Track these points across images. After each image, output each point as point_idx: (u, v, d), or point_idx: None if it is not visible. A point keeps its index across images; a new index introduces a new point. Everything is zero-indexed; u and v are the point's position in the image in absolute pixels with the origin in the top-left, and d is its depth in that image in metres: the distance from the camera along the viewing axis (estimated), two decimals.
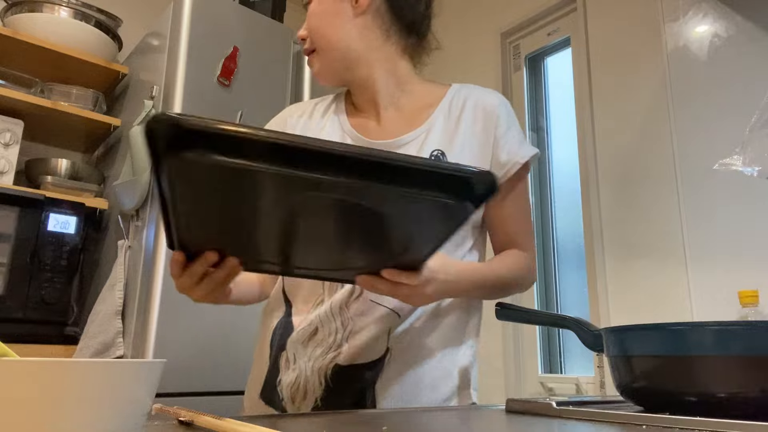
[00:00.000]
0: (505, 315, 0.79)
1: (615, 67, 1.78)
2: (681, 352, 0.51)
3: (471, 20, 2.32)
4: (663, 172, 1.61)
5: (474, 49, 2.27)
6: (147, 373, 0.35)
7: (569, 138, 2.00)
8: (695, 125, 1.56)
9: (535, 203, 2.03)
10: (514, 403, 0.63)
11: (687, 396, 0.51)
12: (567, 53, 2.05)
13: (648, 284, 1.59)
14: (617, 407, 0.59)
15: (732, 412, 0.47)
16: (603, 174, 1.76)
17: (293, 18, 2.99)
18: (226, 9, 1.76)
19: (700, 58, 1.58)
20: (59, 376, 0.31)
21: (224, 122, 0.42)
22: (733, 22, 1.53)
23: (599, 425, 0.50)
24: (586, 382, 1.72)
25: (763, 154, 0.85)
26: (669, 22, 1.67)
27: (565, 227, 1.96)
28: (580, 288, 1.88)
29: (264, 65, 1.83)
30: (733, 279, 1.42)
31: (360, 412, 0.64)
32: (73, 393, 0.31)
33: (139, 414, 0.35)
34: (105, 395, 0.32)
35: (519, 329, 1.96)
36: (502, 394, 1.93)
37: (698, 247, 1.50)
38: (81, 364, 0.31)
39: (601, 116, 1.80)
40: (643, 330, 0.55)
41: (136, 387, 0.34)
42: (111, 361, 0.33)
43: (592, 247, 1.74)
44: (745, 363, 0.48)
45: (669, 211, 1.58)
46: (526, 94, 2.13)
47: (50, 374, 0.30)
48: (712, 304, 1.45)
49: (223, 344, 1.57)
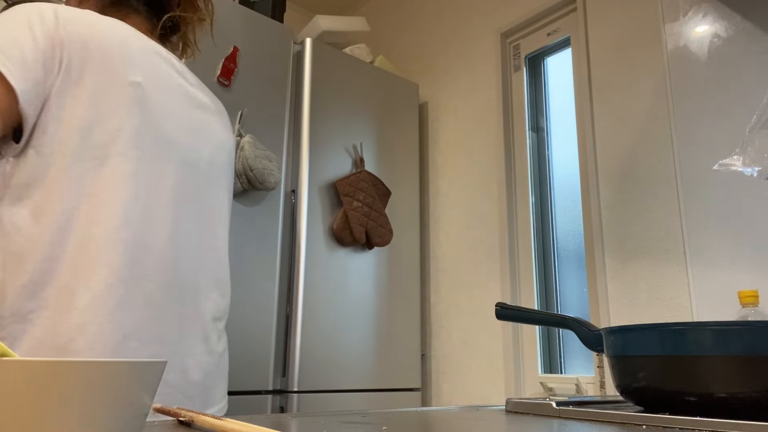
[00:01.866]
0: (505, 315, 0.79)
1: (615, 68, 1.79)
2: (681, 352, 0.51)
3: (471, 20, 2.32)
4: (663, 172, 1.61)
5: (474, 49, 2.27)
6: (147, 373, 0.35)
7: (569, 138, 2.00)
8: (695, 125, 1.56)
9: (535, 203, 2.04)
10: (514, 403, 0.64)
11: (687, 396, 0.51)
12: (567, 53, 2.05)
13: (648, 284, 1.59)
14: (617, 407, 0.59)
15: (732, 412, 0.47)
16: (603, 174, 1.76)
17: (293, 18, 2.99)
18: (226, 9, 1.76)
19: (700, 58, 1.58)
20: (59, 376, 0.31)
21: None
22: (733, 22, 1.53)
23: (599, 425, 0.50)
24: (586, 382, 1.72)
25: (763, 155, 0.85)
26: (669, 22, 1.67)
27: (565, 227, 1.96)
28: (580, 288, 1.88)
29: (264, 65, 1.83)
30: (733, 279, 1.42)
31: (360, 413, 0.64)
32: (73, 393, 0.31)
33: (139, 414, 0.35)
34: (105, 395, 0.32)
35: (519, 329, 1.96)
36: (502, 394, 1.93)
37: (698, 247, 1.50)
38: (81, 364, 0.31)
39: (601, 116, 1.80)
40: (643, 330, 0.55)
41: (136, 387, 0.34)
42: (111, 361, 0.33)
43: (592, 247, 1.74)
44: (745, 363, 0.48)
45: (669, 211, 1.58)
46: (526, 94, 2.13)
47: (50, 374, 0.30)
48: (712, 304, 1.45)
49: None
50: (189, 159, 0.85)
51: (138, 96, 0.79)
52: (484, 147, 2.15)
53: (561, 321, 0.75)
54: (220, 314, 0.89)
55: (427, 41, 2.52)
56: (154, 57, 0.85)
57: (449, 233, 2.22)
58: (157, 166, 0.80)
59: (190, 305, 0.82)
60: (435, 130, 2.38)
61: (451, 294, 2.16)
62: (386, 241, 2.00)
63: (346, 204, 1.90)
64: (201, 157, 0.88)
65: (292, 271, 1.79)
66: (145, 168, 0.79)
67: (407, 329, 2.05)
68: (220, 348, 0.88)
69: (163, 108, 0.82)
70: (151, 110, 0.80)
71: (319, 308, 1.79)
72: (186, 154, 0.85)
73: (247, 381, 1.60)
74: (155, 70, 0.84)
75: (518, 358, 1.92)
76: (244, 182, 1.65)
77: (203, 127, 0.90)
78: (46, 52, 0.73)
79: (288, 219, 1.81)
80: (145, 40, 0.85)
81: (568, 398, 0.65)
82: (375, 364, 1.91)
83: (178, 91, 0.87)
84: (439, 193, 2.29)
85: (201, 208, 0.87)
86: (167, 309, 0.78)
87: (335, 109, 1.99)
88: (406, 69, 2.59)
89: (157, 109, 0.81)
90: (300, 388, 1.70)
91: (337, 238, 1.88)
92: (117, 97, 0.77)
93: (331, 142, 1.95)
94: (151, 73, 0.82)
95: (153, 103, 0.81)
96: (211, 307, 0.86)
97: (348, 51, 2.23)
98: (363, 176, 1.98)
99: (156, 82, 0.83)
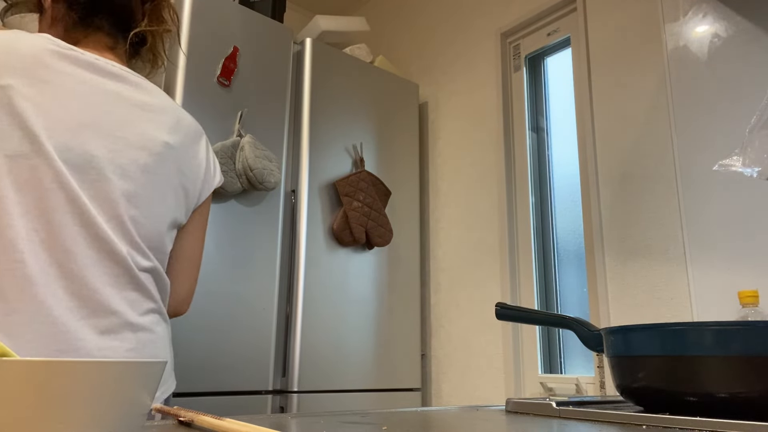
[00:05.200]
0: (505, 315, 0.79)
1: (615, 67, 1.79)
2: (681, 352, 0.51)
3: (471, 20, 2.32)
4: (663, 172, 1.61)
5: (474, 49, 2.27)
6: (147, 373, 0.35)
7: (569, 138, 2.00)
8: (695, 125, 1.56)
9: (535, 203, 2.04)
10: (514, 403, 0.64)
11: (687, 396, 0.51)
12: (567, 53, 2.05)
13: (648, 284, 1.59)
14: (617, 407, 0.59)
15: (732, 412, 0.47)
16: (603, 174, 1.76)
17: (293, 18, 2.99)
18: (226, 9, 1.76)
19: (700, 58, 1.58)
20: (59, 376, 0.31)
21: None
22: (733, 22, 1.53)
23: (599, 425, 0.50)
24: (586, 382, 1.72)
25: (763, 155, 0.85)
26: (669, 22, 1.67)
27: (565, 227, 1.96)
28: (580, 288, 1.88)
29: (264, 65, 1.83)
30: (733, 279, 1.42)
31: (360, 413, 0.64)
32: (73, 393, 0.31)
33: (139, 414, 0.35)
34: (105, 395, 0.32)
35: (519, 329, 1.96)
36: (502, 394, 1.93)
37: (698, 247, 1.50)
38: (81, 364, 0.31)
39: (601, 116, 1.80)
40: (643, 330, 0.55)
41: (136, 387, 0.34)
42: (111, 361, 0.33)
43: (592, 247, 1.74)
44: (745, 363, 0.48)
45: (669, 211, 1.58)
46: (526, 94, 2.13)
47: (50, 374, 0.30)
48: (712, 304, 1.45)
49: (223, 345, 1.57)
50: (69, 157, 0.85)
51: (5, 97, 0.81)
52: (484, 147, 2.15)
53: (561, 321, 0.75)
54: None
55: (427, 41, 2.52)
56: (54, 62, 0.86)
57: (449, 233, 2.22)
58: (22, 163, 0.81)
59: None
60: (435, 130, 2.38)
61: (451, 294, 2.16)
62: (386, 241, 2.00)
63: (346, 204, 1.90)
64: (95, 155, 0.87)
65: (292, 271, 1.79)
66: (10, 166, 0.80)
67: (407, 329, 2.05)
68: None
69: (41, 108, 0.83)
70: (19, 111, 0.81)
71: (319, 308, 1.79)
72: (66, 152, 0.85)
73: (247, 381, 1.60)
74: (48, 74, 0.85)
75: (518, 358, 1.93)
76: (244, 182, 1.65)
77: (122, 126, 0.90)
78: None
79: (288, 219, 1.81)
80: (47, 47, 0.87)
81: (568, 398, 0.65)
82: (375, 364, 1.91)
83: (85, 92, 0.88)
84: (439, 193, 2.29)
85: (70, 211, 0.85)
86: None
87: (335, 109, 1.99)
88: (406, 69, 2.59)
89: (30, 110, 0.82)
90: (300, 388, 1.70)
91: (337, 238, 1.88)
92: None
93: (331, 142, 1.95)
94: (36, 77, 0.84)
95: (25, 104, 0.82)
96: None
97: (348, 51, 2.23)
98: (363, 176, 1.98)
99: (42, 85, 0.84)
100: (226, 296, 1.60)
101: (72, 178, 0.84)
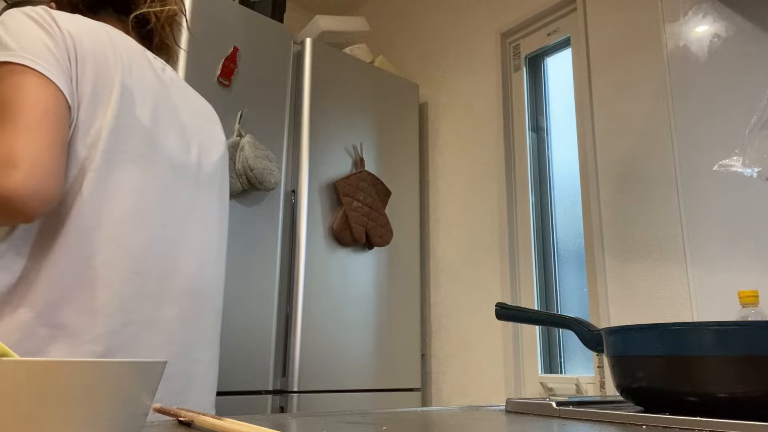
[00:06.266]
0: (505, 315, 0.79)
1: (615, 67, 1.79)
2: (681, 352, 0.51)
3: (471, 20, 2.32)
4: (663, 172, 1.61)
5: (474, 49, 2.27)
6: (147, 373, 0.35)
7: (569, 138, 2.00)
8: (695, 125, 1.56)
9: (535, 203, 2.04)
10: (514, 403, 0.64)
11: (687, 396, 0.51)
12: (567, 53, 2.05)
13: (648, 284, 1.59)
14: (617, 407, 0.59)
15: (732, 412, 0.47)
16: (603, 174, 1.76)
17: (293, 18, 2.99)
18: (226, 9, 1.76)
19: (700, 58, 1.58)
20: (59, 376, 0.31)
21: None
22: (733, 22, 1.53)
23: (599, 425, 0.50)
24: (586, 382, 1.72)
25: (763, 156, 0.85)
26: (669, 22, 1.67)
27: (565, 227, 1.96)
28: (580, 288, 1.88)
29: (264, 65, 1.83)
30: (733, 279, 1.42)
31: (360, 413, 0.64)
32: (73, 393, 0.31)
33: (139, 414, 0.35)
34: (105, 395, 0.32)
35: (519, 329, 1.96)
36: (502, 394, 1.93)
37: (698, 247, 1.50)
38: (81, 364, 0.31)
39: (601, 116, 1.80)
40: (643, 330, 0.55)
41: (136, 387, 0.34)
42: (111, 361, 0.33)
43: (592, 247, 1.74)
44: (745, 363, 0.48)
45: (669, 211, 1.58)
46: (526, 94, 2.13)
47: (50, 374, 0.30)
48: (712, 304, 1.45)
49: (223, 345, 1.57)
50: (176, 162, 0.84)
51: (127, 97, 0.77)
52: (484, 147, 2.15)
53: (561, 321, 0.75)
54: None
55: (427, 41, 2.52)
56: (139, 58, 0.84)
57: (449, 233, 2.22)
58: (144, 168, 0.79)
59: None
60: (435, 130, 2.38)
61: (451, 294, 2.16)
62: (386, 241, 2.00)
63: (346, 204, 1.90)
64: (190, 159, 0.86)
65: (292, 271, 1.79)
66: (133, 171, 0.77)
67: (407, 329, 2.05)
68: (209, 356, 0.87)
69: (146, 108, 0.81)
70: (134, 112, 0.78)
71: (319, 308, 1.79)
72: (173, 157, 0.84)
73: (247, 381, 1.60)
74: (141, 72, 0.82)
75: (518, 358, 1.92)
76: (244, 182, 1.65)
77: (193, 128, 0.89)
78: (62, 52, 0.72)
79: (288, 219, 1.81)
80: (129, 40, 0.84)
81: (568, 398, 0.65)
82: (375, 364, 1.91)
83: (163, 92, 0.86)
84: (439, 193, 2.29)
85: (190, 210, 0.85)
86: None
87: (335, 109, 1.99)
88: (406, 69, 2.59)
89: (141, 110, 0.80)
90: (300, 388, 1.70)
91: (337, 238, 1.88)
92: (106, 98, 0.75)
93: (331, 142, 1.95)
94: (139, 75, 0.81)
95: (138, 104, 0.79)
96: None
97: (348, 51, 2.23)
98: (363, 176, 1.98)
99: (142, 84, 0.81)
100: (226, 296, 1.60)
101: (181, 185, 0.84)
